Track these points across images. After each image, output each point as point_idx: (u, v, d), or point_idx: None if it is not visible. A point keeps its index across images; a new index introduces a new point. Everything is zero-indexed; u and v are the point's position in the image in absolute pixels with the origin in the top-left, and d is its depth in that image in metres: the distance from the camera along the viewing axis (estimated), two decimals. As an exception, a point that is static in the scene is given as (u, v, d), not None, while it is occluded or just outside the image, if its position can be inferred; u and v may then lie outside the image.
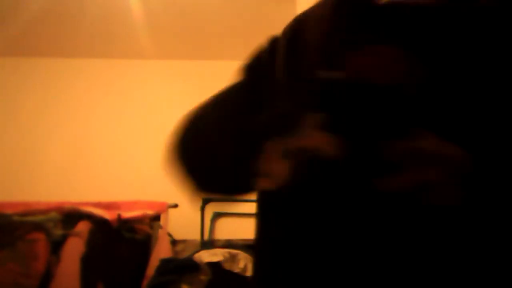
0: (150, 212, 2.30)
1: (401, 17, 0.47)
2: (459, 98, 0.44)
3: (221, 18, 2.66)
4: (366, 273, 0.43)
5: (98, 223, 2.01)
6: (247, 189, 0.61)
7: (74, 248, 1.91)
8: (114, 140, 3.00)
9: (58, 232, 1.94)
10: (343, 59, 0.46)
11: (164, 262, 1.89)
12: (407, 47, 0.46)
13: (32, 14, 2.55)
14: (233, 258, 1.84)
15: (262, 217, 0.54)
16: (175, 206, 2.41)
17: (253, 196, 0.56)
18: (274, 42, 0.58)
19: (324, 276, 0.45)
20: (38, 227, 1.93)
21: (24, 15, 2.54)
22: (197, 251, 1.96)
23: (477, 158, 0.42)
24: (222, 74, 3.36)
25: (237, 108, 0.61)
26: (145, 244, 2.23)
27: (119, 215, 2.07)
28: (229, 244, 2.29)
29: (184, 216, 2.69)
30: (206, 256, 1.85)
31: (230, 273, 1.81)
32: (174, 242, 2.60)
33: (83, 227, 1.97)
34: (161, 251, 2.19)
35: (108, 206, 2.20)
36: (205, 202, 2.79)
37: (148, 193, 2.76)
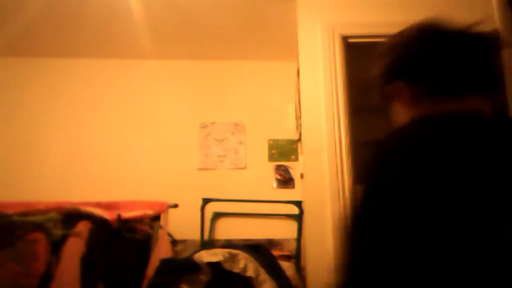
0: (150, 212, 2.29)
1: None
2: None
3: (221, 19, 2.66)
4: None
5: (98, 223, 2.01)
6: None
7: (74, 248, 1.91)
8: (114, 140, 3.00)
9: (58, 232, 1.94)
10: None
11: (164, 262, 1.89)
12: None
13: (32, 15, 2.55)
14: (233, 258, 1.84)
15: None
16: (175, 206, 2.41)
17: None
18: None
19: None
20: (38, 227, 1.93)
21: (25, 15, 2.55)
22: (197, 251, 1.95)
23: None
24: (222, 74, 3.37)
25: None
26: (145, 244, 2.23)
27: (119, 215, 2.07)
28: (229, 244, 2.29)
29: (184, 216, 2.70)
30: (206, 256, 1.84)
31: (230, 273, 1.81)
32: (174, 242, 2.60)
33: (83, 227, 1.97)
34: (161, 251, 2.19)
35: (108, 206, 2.19)
36: (205, 202, 2.80)
37: (148, 193, 2.76)
